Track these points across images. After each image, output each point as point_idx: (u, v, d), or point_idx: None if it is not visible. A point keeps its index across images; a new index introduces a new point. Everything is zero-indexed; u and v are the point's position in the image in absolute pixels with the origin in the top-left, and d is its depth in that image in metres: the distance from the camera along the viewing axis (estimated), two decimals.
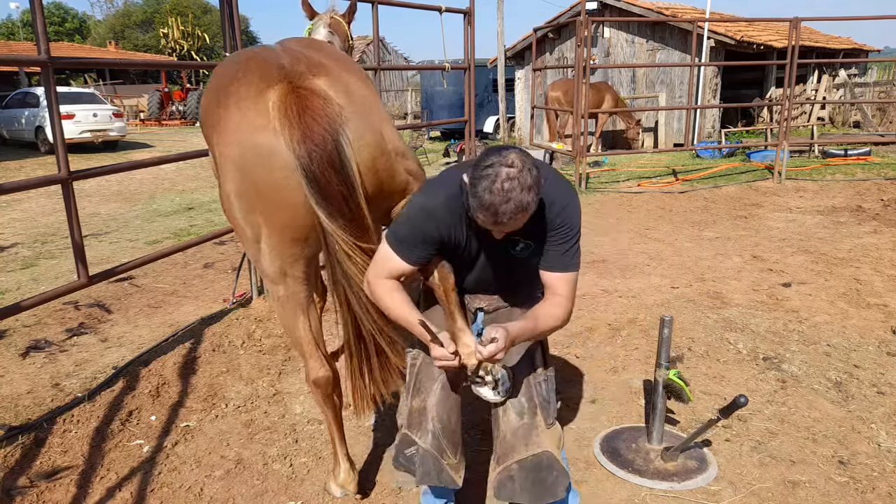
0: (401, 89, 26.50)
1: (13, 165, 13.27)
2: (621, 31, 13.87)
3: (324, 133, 1.85)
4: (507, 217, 1.67)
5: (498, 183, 1.65)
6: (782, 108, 9.12)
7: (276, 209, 1.97)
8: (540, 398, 1.95)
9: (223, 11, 4.19)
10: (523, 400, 1.94)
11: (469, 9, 6.42)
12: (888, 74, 16.34)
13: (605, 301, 4.46)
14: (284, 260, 2.07)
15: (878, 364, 3.43)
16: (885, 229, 6.13)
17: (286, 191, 1.91)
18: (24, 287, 5.10)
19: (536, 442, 1.88)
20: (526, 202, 1.67)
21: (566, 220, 1.89)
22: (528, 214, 1.72)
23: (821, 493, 2.43)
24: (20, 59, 7.13)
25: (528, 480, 1.84)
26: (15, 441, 2.80)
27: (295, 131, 1.83)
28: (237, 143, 1.95)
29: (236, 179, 1.98)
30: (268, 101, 1.89)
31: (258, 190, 1.95)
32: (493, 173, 1.66)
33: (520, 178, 1.66)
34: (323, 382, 2.25)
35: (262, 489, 2.56)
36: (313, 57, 2.08)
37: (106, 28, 39.56)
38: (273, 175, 1.90)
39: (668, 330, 2.58)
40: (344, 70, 2.13)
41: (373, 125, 2.05)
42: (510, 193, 1.65)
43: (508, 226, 1.72)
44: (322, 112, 1.87)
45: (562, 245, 1.90)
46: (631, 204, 7.61)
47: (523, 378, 1.96)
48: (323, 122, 1.86)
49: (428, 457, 1.93)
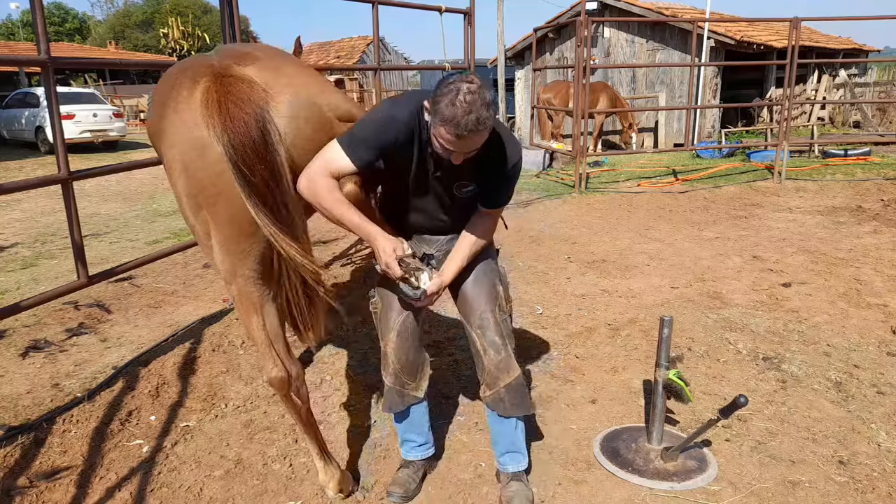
0: (401, 89, 26.51)
1: (13, 165, 13.27)
2: (621, 31, 13.87)
3: (246, 118, 1.85)
4: (468, 129, 1.82)
5: (460, 96, 1.81)
6: (782, 108, 9.12)
7: (217, 203, 1.99)
8: (507, 332, 2.33)
9: (223, 11, 4.19)
10: (497, 339, 2.30)
11: (469, 9, 6.41)
12: (888, 74, 16.34)
13: (605, 301, 4.46)
14: (234, 256, 2.08)
15: (878, 364, 3.43)
16: (885, 229, 6.13)
17: (224, 184, 1.92)
18: (23, 287, 5.09)
19: (513, 368, 2.31)
20: (485, 117, 1.83)
21: (514, 174, 2.18)
22: (486, 133, 1.89)
23: (821, 493, 2.43)
24: (20, 59, 7.14)
25: (516, 397, 2.32)
26: (14, 441, 2.80)
27: (217, 120, 1.85)
28: (177, 143, 1.98)
29: (181, 178, 2.00)
30: (197, 96, 1.92)
31: (200, 186, 1.98)
32: (455, 88, 1.82)
33: (480, 94, 1.82)
34: (277, 382, 2.23)
35: (262, 489, 2.56)
36: (243, 50, 2.16)
37: (106, 28, 39.56)
38: (210, 169, 1.93)
39: (667, 330, 2.58)
40: (275, 56, 2.20)
41: (308, 100, 2.07)
42: (472, 105, 1.81)
43: (468, 142, 1.88)
44: (245, 96, 1.88)
45: (504, 191, 2.22)
46: (631, 204, 7.61)
47: (493, 319, 2.31)
48: (246, 106, 1.86)
49: (392, 392, 2.39)
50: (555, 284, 4.82)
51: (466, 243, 2.27)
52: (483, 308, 2.30)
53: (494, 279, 2.37)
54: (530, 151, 11.28)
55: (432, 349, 3.74)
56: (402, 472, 2.51)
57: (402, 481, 2.46)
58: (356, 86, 25.13)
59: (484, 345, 2.29)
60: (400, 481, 2.46)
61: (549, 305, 4.40)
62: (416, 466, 2.53)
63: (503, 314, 2.33)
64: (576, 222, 6.77)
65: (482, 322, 2.30)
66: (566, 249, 5.73)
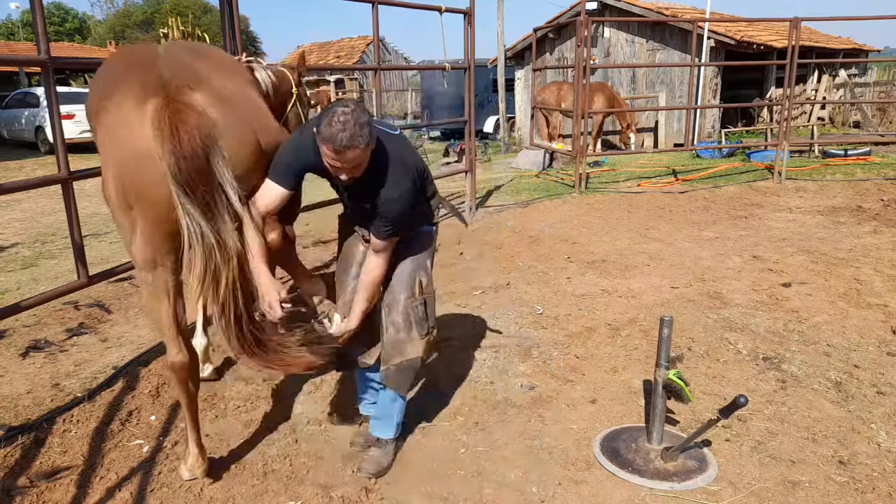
0: (401, 89, 26.51)
1: (13, 165, 13.27)
2: (621, 31, 13.86)
3: (195, 146, 2.06)
4: (343, 144, 2.07)
5: (336, 116, 2.07)
6: (782, 108, 9.12)
7: (150, 206, 2.19)
8: (416, 317, 2.55)
9: (223, 11, 4.19)
10: (399, 319, 2.54)
11: (469, 9, 6.42)
12: (888, 74, 16.34)
13: (605, 301, 4.46)
14: (158, 250, 2.27)
15: (878, 364, 3.43)
16: (885, 229, 6.13)
17: (160, 193, 2.11)
18: (24, 287, 5.10)
19: (409, 350, 2.55)
20: (359, 134, 2.08)
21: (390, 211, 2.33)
22: (362, 151, 2.12)
23: (821, 493, 2.43)
24: (20, 59, 7.14)
25: (402, 377, 2.59)
26: (15, 441, 2.80)
27: (167, 143, 2.03)
28: (120, 148, 2.17)
29: (118, 177, 2.20)
30: (146, 111, 2.09)
31: (137, 190, 2.18)
32: (333, 111, 2.10)
33: (353, 115, 2.08)
34: (178, 367, 2.39)
35: (262, 489, 2.56)
36: (195, 67, 2.32)
37: (106, 28, 39.53)
38: (149, 178, 2.12)
39: (667, 330, 2.58)
40: (226, 80, 2.36)
41: (248, 135, 2.30)
42: (345, 124, 2.06)
43: (345, 156, 2.11)
44: (195, 125, 2.08)
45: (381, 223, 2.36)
46: (631, 204, 7.61)
47: (402, 302, 2.54)
48: (195, 135, 2.06)
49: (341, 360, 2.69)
50: (555, 284, 4.82)
51: (362, 290, 2.49)
52: (395, 291, 2.56)
53: (415, 269, 2.58)
54: (530, 151, 11.28)
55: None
56: (361, 427, 2.93)
57: (363, 432, 2.87)
58: (356, 86, 25.12)
59: (386, 323, 2.57)
60: (361, 432, 2.89)
61: (549, 305, 4.40)
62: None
63: (415, 301, 2.55)
64: (576, 222, 6.77)
65: (390, 302, 2.56)
66: (566, 249, 5.73)
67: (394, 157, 2.34)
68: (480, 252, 5.75)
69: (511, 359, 3.61)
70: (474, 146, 7.06)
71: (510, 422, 2.98)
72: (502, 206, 7.61)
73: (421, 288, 2.58)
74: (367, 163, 2.22)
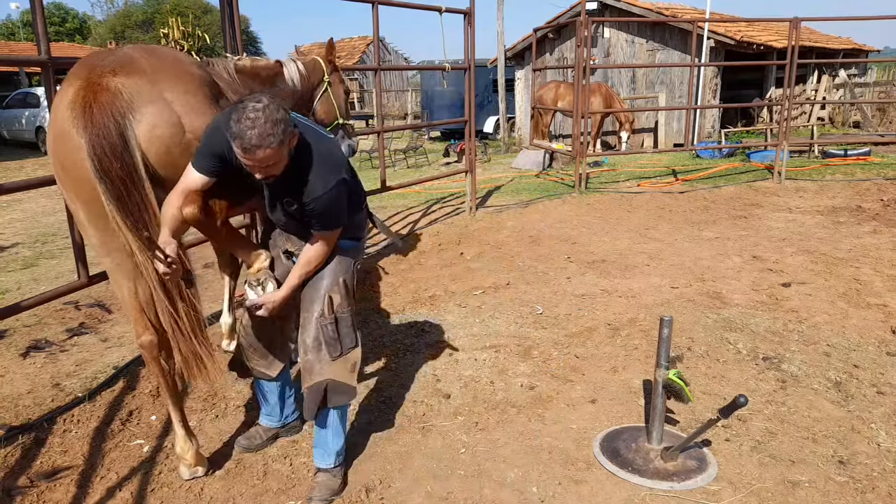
0: (401, 89, 26.50)
1: (13, 165, 13.28)
2: (621, 31, 13.86)
3: (106, 123, 2.15)
4: (252, 143, 1.95)
5: (246, 113, 1.96)
6: (782, 109, 9.12)
7: (78, 186, 2.27)
8: (326, 337, 2.40)
9: (223, 11, 4.19)
10: (309, 340, 2.41)
11: (469, 9, 6.42)
12: (888, 74, 16.34)
13: (605, 301, 4.46)
14: (103, 232, 2.32)
15: (877, 364, 3.43)
16: (884, 229, 6.13)
17: (83, 170, 2.19)
18: (24, 287, 5.10)
19: (316, 373, 2.40)
20: (269, 133, 1.95)
21: (319, 207, 2.22)
22: (274, 151, 2.00)
23: (821, 493, 2.43)
24: (20, 60, 7.13)
25: (311, 401, 2.41)
26: (15, 441, 2.80)
27: (80, 122, 2.15)
28: (50, 132, 2.31)
29: (52, 159, 2.32)
30: (68, 93, 2.23)
31: (64, 169, 2.29)
32: (243, 107, 1.98)
33: (265, 111, 1.96)
34: (147, 345, 2.47)
35: (262, 489, 2.56)
36: (130, 56, 2.39)
37: (106, 28, 39.49)
38: (70, 157, 2.22)
39: (667, 330, 2.58)
40: (158, 69, 2.40)
41: (169, 118, 2.32)
42: (255, 122, 1.94)
43: (258, 158, 2.00)
44: (108, 105, 2.17)
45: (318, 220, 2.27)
46: (631, 204, 7.61)
47: (313, 321, 2.41)
48: (107, 114, 2.16)
49: (236, 362, 2.73)
50: (555, 284, 4.82)
51: (299, 266, 2.40)
52: (307, 310, 2.43)
53: (329, 286, 2.43)
54: (530, 151, 11.28)
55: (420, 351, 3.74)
56: (254, 428, 2.87)
57: (251, 435, 2.84)
58: (356, 86, 25.12)
59: (299, 343, 2.47)
60: (249, 434, 2.84)
61: (549, 305, 4.40)
62: (264, 429, 2.85)
63: (325, 320, 2.40)
64: (576, 222, 6.77)
65: (303, 322, 2.45)
66: (566, 249, 5.73)
67: (322, 154, 2.23)
68: (480, 252, 5.75)
69: (511, 359, 3.62)
70: (474, 146, 7.06)
71: (510, 422, 2.98)
72: (502, 207, 7.61)
73: (332, 306, 2.41)
74: (284, 162, 2.11)
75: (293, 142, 2.11)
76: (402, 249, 5.87)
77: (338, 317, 2.42)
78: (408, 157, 13.59)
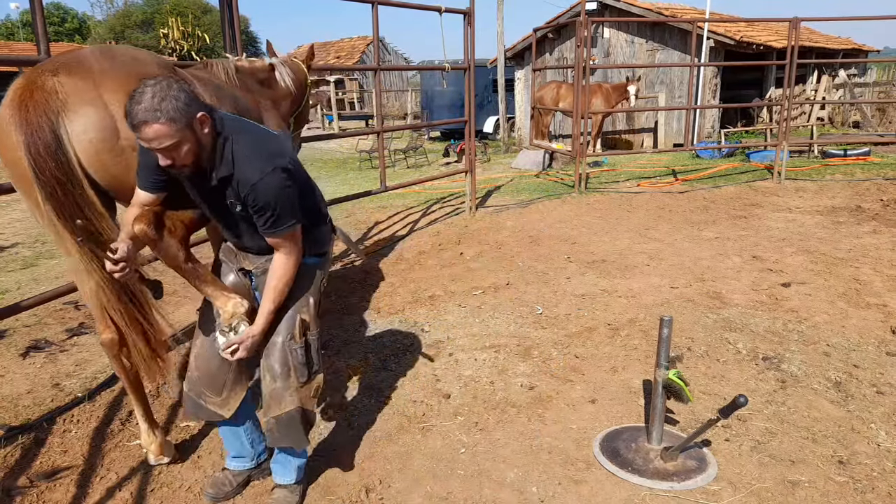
0: (401, 89, 26.49)
1: None
2: (621, 31, 13.87)
3: (40, 123, 2.18)
4: (139, 118, 1.84)
5: (138, 89, 1.87)
6: (782, 109, 9.13)
7: (20, 181, 2.30)
8: (295, 361, 2.24)
9: (223, 12, 4.20)
10: (277, 366, 2.24)
11: (469, 9, 6.42)
12: (888, 74, 16.34)
13: (605, 301, 4.46)
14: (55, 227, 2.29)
15: (877, 364, 3.43)
16: (884, 229, 6.13)
17: (24, 168, 2.21)
18: (24, 287, 5.10)
19: (287, 401, 2.25)
20: (156, 108, 1.83)
21: (257, 198, 2.03)
22: (164, 126, 1.85)
23: (820, 493, 2.43)
24: (20, 60, 7.10)
25: (284, 430, 2.26)
26: (15, 441, 2.80)
27: (15, 119, 2.19)
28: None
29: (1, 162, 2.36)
30: (9, 93, 2.26)
31: (8, 168, 2.32)
32: (140, 88, 1.88)
33: (155, 87, 1.86)
34: (107, 342, 2.49)
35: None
36: (81, 56, 2.40)
37: (106, 28, 39.49)
38: (9, 155, 2.26)
39: (667, 330, 2.58)
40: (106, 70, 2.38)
41: (101, 121, 2.31)
42: (142, 96, 1.84)
43: (147, 137, 1.87)
44: (41, 104, 2.20)
45: (263, 216, 2.07)
46: (631, 204, 7.61)
47: (280, 346, 2.24)
48: (40, 112, 2.19)
49: (188, 399, 2.35)
50: (555, 284, 4.82)
51: (269, 288, 2.18)
52: (274, 335, 2.25)
53: (297, 307, 2.27)
54: (530, 151, 11.28)
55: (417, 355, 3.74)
56: (220, 474, 2.57)
57: (218, 482, 2.53)
58: (356, 86, 25.13)
59: (263, 369, 2.27)
60: (216, 482, 2.53)
61: (549, 305, 4.40)
62: (234, 473, 2.56)
63: (295, 343, 2.24)
64: (576, 222, 6.77)
65: (269, 347, 2.25)
66: (566, 249, 5.73)
67: (258, 141, 2.07)
68: (480, 252, 5.75)
69: (511, 359, 3.62)
70: (474, 146, 7.07)
71: (510, 422, 2.98)
72: (502, 207, 7.61)
73: (304, 328, 2.26)
74: (189, 146, 1.93)
75: (203, 125, 1.94)
76: (401, 249, 5.87)
77: (308, 340, 2.27)
78: (408, 157, 13.60)
